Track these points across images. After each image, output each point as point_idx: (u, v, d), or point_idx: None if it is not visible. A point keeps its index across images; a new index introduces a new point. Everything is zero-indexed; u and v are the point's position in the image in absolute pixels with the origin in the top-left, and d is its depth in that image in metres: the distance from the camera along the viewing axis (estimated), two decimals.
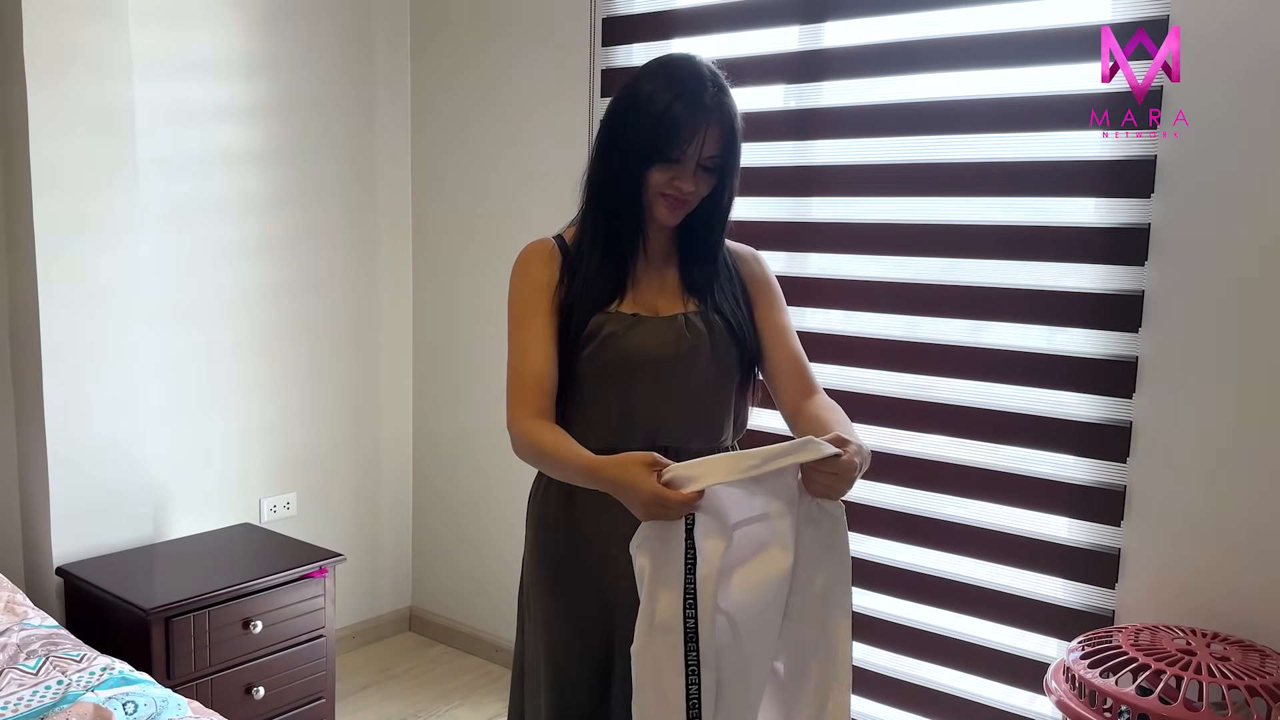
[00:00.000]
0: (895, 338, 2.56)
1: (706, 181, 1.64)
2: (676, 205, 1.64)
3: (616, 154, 1.65)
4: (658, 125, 1.58)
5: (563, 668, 1.74)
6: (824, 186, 2.68)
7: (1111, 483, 2.28)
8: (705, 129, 1.58)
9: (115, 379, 2.73)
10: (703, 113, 1.58)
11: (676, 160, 1.60)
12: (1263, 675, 1.88)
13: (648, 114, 1.60)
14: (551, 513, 1.75)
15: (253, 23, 3.07)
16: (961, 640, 2.49)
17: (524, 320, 1.68)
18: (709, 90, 1.59)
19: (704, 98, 1.58)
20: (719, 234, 1.74)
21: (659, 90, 1.60)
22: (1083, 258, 2.29)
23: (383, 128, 3.46)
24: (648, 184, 1.63)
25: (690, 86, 1.59)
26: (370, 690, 3.28)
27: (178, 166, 2.93)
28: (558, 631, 1.75)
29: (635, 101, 1.63)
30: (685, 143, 1.58)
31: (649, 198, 1.64)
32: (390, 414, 3.61)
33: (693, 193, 1.63)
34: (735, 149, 1.64)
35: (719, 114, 1.59)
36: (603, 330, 1.66)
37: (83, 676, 2.02)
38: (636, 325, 1.67)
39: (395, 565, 3.70)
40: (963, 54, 2.41)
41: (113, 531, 2.77)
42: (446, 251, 3.50)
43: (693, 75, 1.61)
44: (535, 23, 3.16)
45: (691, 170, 1.61)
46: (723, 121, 1.60)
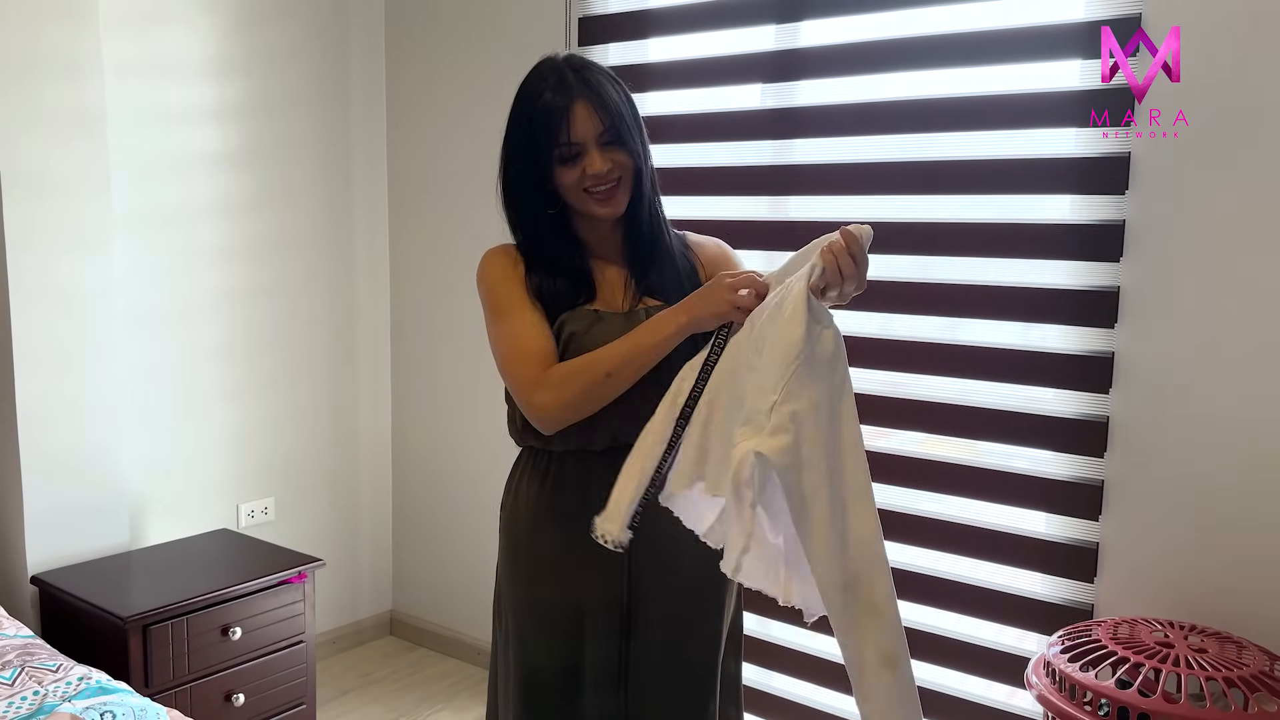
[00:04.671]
0: (871, 335, 2.57)
1: (618, 156, 1.63)
2: (605, 194, 1.64)
3: (519, 168, 1.66)
4: (534, 125, 1.61)
5: (534, 668, 1.74)
6: (801, 185, 2.68)
7: (1089, 477, 2.30)
8: (572, 107, 1.59)
9: (89, 385, 2.70)
10: (566, 93, 1.60)
11: (571, 152, 1.61)
12: (1240, 667, 1.90)
13: (523, 121, 1.64)
14: (523, 513, 1.75)
15: (226, 25, 3.04)
16: (941, 635, 2.50)
17: (511, 308, 1.66)
18: (566, 74, 1.62)
19: (562, 81, 1.61)
20: (656, 217, 1.73)
21: (525, 96, 1.65)
22: (1058, 254, 2.31)
23: (358, 129, 3.44)
24: (566, 190, 1.64)
25: (551, 77, 1.62)
26: (351, 695, 3.26)
27: (151, 170, 2.90)
28: (530, 630, 1.74)
29: (512, 119, 1.67)
30: (560, 129, 1.59)
31: (577, 202, 1.65)
32: (369, 417, 3.59)
33: (609, 171, 1.62)
34: (620, 116, 1.62)
35: (582, 89, 1.60)
36: (565, 330, 1.65)
37: (59, 687, 2.00)
38: (598, 322, 1.66)
39: (375, 569, 3.68)
40: (938, 53, 2.42)
41: (88, 539, 2.74)
42: (424, 253, 3.48)
43: (550, 69, 1.64)
44: (511, 23, 3.15)
45: (593, 151, 1.61)
46: (587, 94, 1.60)
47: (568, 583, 1.70)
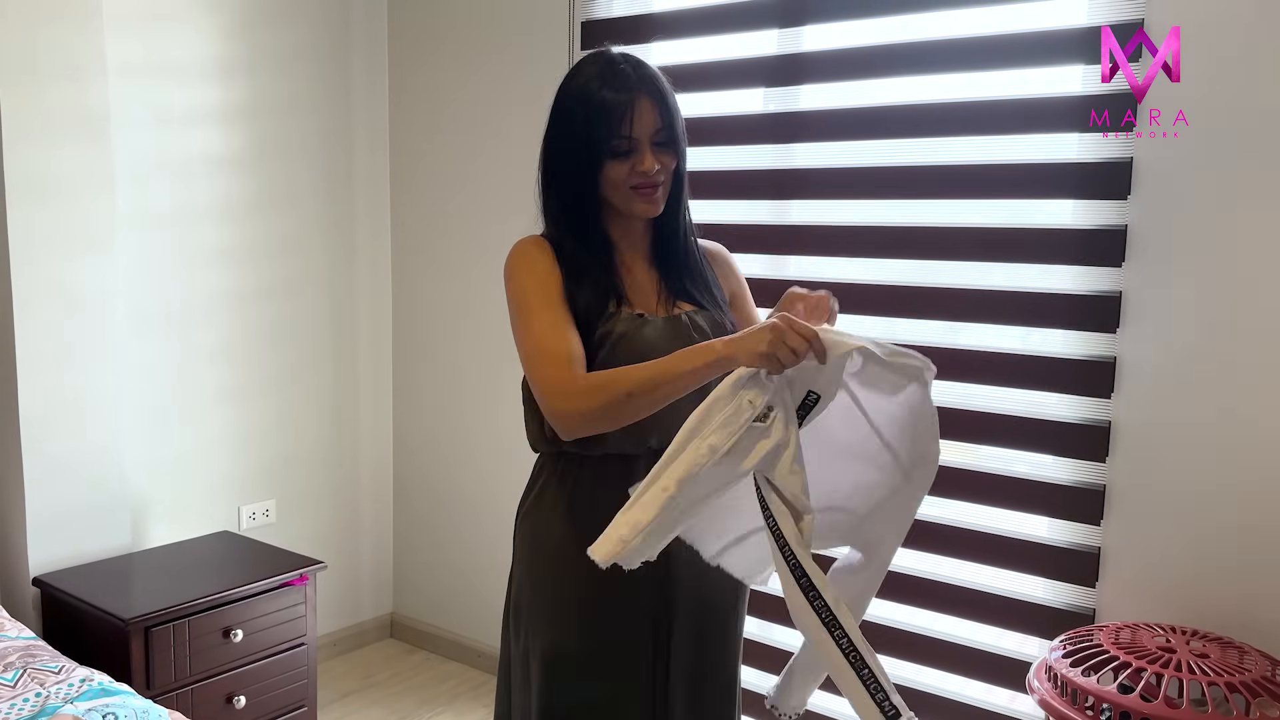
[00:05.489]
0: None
1: (665, 158, 1.62)
2: (649, 191, 1.62)
3: (567, 164, 1.63)
4: (591, 119, 1.58)
5: (564, 672, 1.69)
6: (803, 189, 2.68)
7: (1091, 482, 2.30)
8: (636, 102, 1.57)
9: (92, 386, 2.70)
10: (628, 88, 1.58)
11: (625, 148, 1.58)
12: (1242, 672, 1.90)
13: (579, 114, 1.60)
14: (546, 520, 1.70)
15: (230, 26, 3.05)
16: (942, 639, 2.50)
17: (541, 305, 1.59)
18: (625, 68, 1.60)
19: (624, 76, 1.59)
20: (687, 223, 1.72)
21: (579, 89, 1.61)
22: (1060, 259, 2.31)
23: (361, 132, 3.44)
24: (611, 186, 1.61)
25: (606, 72, 1.60)
26: (352, 698, 3.26)
27: (155, 171, 2.90)
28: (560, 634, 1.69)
29: (563, 110, 1.64)
30: (622, 122, 1.57)
31: (620, 199, 1.62)
32: (370, 419, 3.59)
33: (659, 170, 1.61)
34: (675, 116, 1.62)
35: (644, 85, 1.59)
36: (613, 332, 1.61)
37: (61, 688, 2.00)
38: (645, 325, 1.63)
39: (376, 572, 3.68)
40: (940, 58, 2.42)
41: (90, 541, 2.74)
42: (426, 255, 3.49)
43: (605, 62, 1.62)
44: (514, 26, 3.15)
45: (646, 150, 1.59)
46: (650, 91, 1.59)
47: (597, 584, 1.58)
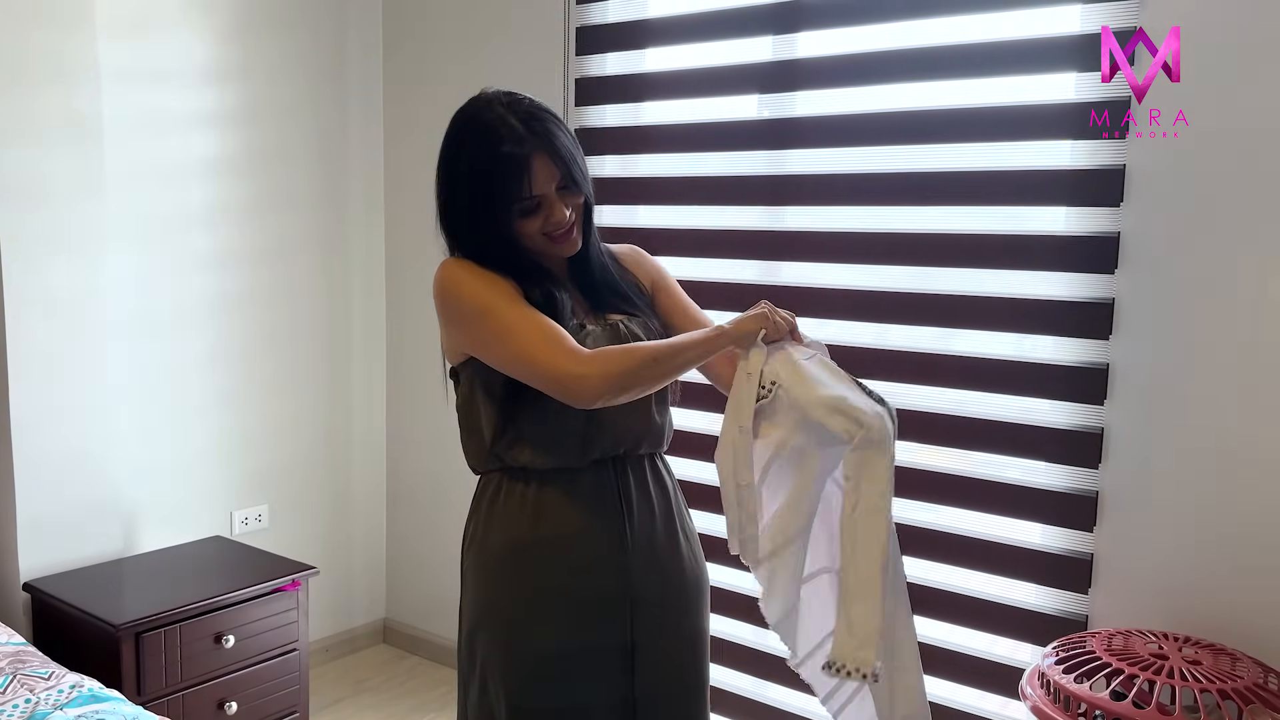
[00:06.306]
0: (866, 345, 2.58)
1: (574, 200, 1.60)
2: (564, 237, 1.60)
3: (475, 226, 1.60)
4: (491, 178, 1.54)
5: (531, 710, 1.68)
6: (797, 196, 2.69)
7: (1084, 488, 2.30)
8: (531, 160, 1.53)
9: (83, 391, 2.69)
10: (521, 146, 1.53)
11: (532, 206, 1.56)
12: (1234, 678, 1.90)
13: (475, 170, 1.56)
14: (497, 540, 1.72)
15: (223, 31, 3.04)
16: (934, 646, 2.50)
17: (508, 304, 1.56)
18: (514, 124, 1.54)
19: (516, 134, 1.53)
20: (596, 244, 1.71)
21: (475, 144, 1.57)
22: (1054, 266, 2.32)
23: (355, 137, 3.44)
24: (526, 238, 1.59)
25: (500, 130, 1.54)
26: (345, 703, 3.25)
27: (148, 176, 2.90)
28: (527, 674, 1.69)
29: (457, 175, 1.60)
30: (522, 182, 1.53)
31: (537, 245, 1.61)
32: (363, 424, 3.58)
33: (570, 217, 1.59)
34: (573, 159, 1.58)
35: (538, 142, 1.54)
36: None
37: (51, 695, 1.99)
38: (588, 336, 1.62)
39: (369, 577, 3.67)
40: (934, 64, 2.43)
41: (81, 546, 2.73)
42: (420, 262, 3.48)
43: (497, 119, 1.55)
44: (509, 32, 3.15)
45: (554, 202, 1.56)
46: (545, 146, 1.54)
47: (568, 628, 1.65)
